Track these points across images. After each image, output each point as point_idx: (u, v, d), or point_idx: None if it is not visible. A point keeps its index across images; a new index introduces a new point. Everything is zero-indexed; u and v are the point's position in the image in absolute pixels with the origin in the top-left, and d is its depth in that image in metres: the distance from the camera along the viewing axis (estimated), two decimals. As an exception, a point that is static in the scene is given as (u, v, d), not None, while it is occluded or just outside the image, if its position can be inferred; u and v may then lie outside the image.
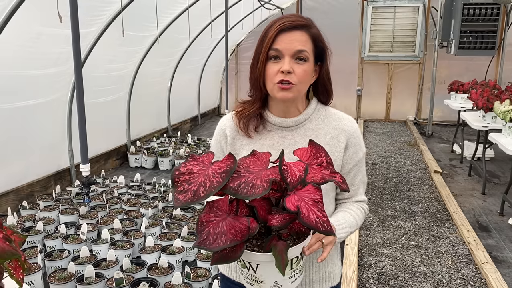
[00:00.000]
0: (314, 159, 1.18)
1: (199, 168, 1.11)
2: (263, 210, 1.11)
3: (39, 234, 3.52)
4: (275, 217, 1.08)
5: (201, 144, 6.82)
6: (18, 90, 4.20)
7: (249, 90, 1.43)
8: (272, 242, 1.09)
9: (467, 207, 4.65)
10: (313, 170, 1.15)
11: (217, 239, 1.04)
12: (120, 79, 6.06)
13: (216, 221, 1.08)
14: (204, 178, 1.08)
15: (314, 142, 1.22)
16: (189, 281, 2.89)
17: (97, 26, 4.93)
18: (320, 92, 1.45)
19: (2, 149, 4.17)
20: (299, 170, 1.09)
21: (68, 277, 2.93)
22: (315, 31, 1.34)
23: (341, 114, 1.46)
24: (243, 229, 1.05)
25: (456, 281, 3.22)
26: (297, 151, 1.21)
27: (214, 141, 1.52)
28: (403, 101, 9.68)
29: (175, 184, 1.09)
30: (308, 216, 1.04)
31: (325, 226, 1.05)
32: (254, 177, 1.08)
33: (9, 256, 0.94)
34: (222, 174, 1.08)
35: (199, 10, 6.63)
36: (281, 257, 1.05)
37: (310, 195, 1.08)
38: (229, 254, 1.07)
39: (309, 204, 1.06)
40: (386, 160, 6.56)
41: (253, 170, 1.12)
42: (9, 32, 3.72)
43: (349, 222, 1.37)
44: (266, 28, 1.34)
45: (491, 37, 7.66)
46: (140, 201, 4.30)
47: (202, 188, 1.06)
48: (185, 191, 1.07)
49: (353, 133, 1.42)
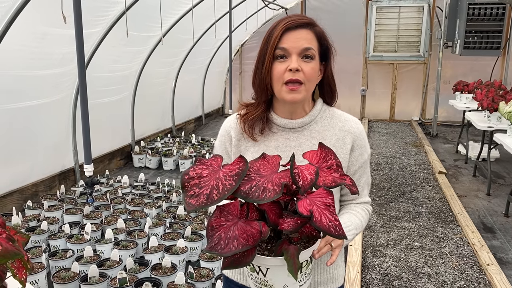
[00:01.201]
0: (324, 162, 1.17)
1: (208, 172, 1.10)
2: (273, 213, 1.10)
3: (43, 234, 3.54)
4: (287, 221, 1.07)
5: (205, 144, 6.83)
6: (23, 90, 4.22)
7: (253, 93, 1.41)
8: (283, 246, 1.08)
9: (472, 208, 4.63)
10: (324, 174, 1.13)
11: (229, 244, 1.03)
12: (124, 79, 6.08)
13: (227, 226, 1.07)
14: (216, 181, 1.06)
15: (323, 145, 1.20)
16: (192, 281, 2.89)
17: (101, 26, 4.95)
18: (326, 92, 1.44)
19: (7, 149, 4.19)
20: (310, 174, 1.08)
21: (72, 276, 2.94)
22: (319, 30, 1.34)
23: (346, 115, 1.45)
24: (255, 234, 1.04)
25: (461, 283, 3.20)
26: (307, 154, 1.20)
27: (218, 143, 1.51)
28: (407, 101, 9.65)
29: (185, 189, 1.07)
30: (320, 221, 1.03)
31: (338, 230, 1.04)
32: (265, 181, 1.07)
33: (12, 256, 0.94)
34: (234, 177, 1.07)
35: (203, 11, 6.63)
36: (293, 261, 1.04)
37: (322, 198, 1.07)
38: (241, 258, 1.06)
39: (321, 208, 1.05)
40: (391, 161, 6.54)
41: (263, 173, 1.11)
42: (14, 32, 3.74)
43: (355, 224, 1.36)
44: (270, 28, 1.34)
45: (496, 37, 7.63)
46: (144, 201, 4.31)
47: (215, 191, 1.04)
48: (196, 195, 1.05)
49: (358, 135, 1.41)
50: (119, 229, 3.63)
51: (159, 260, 3.18)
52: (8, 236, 0.98)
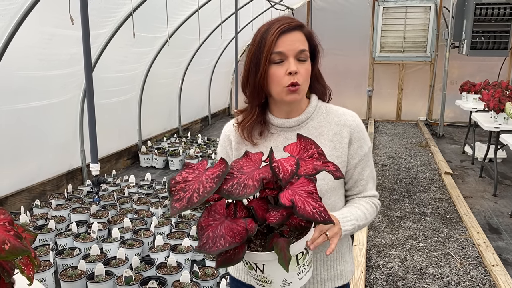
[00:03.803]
0: (305, 152, 1.19)
1: (194, 176, 1.13)
2: (261, 210, 1.12)
3: (51, 232, 3.58)
4: (272, 214, 1.09)
5: (211, 144, 6.86)
6: (31, 90, 4.27)
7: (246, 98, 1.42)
8: (273, 240, 1.10)
9: (478, 209, 4.61)
10: (305, 163, 1.15)
11: (216, 243, 1.05)
12: (131, 80, 6.13)
13: (214, 225, 1.10)
14: (198, 185, 1.10)
15: (301, 135, 1.23)
16: (198, 280, 2.92)
17: (108, 27, 4.99)
18: (316, 89, 1.46)
19: (16, 148, 4.24)
20: (290, 165, 1.10)
21: (78, 274, 2.98)
22: (308, 30, 1.36)
23: (342, 109, 1.46)
24: (241, 231, 1.06)
25: (465, 283, 3.20)
26: (287, 147, 1.22)
27: (220, 148, 1.54)
28: (414, 101, 9.61)
29: (172, 193, 1.11)
30: (304, 208, 1.04)
31: (323, 216, 1.05)
32: (246, 177, 1.10)
33: (20, 253, 0.97)
34: (215, 179, 1.09)
35: (209, 12, 6.66)
36: (283, 254, 1.05)
37: (304, 187, 1.08)
38: (232, 256, 1.08)
39: (304, 196, 1.06)
40: (396, 161, 6.52)
41: (245, 170, 1.14)
42: (23, 33, 3.79)
43: (355, 215, 1.35)
44: (260, 32, 1.33)
45: (503, 37, 7.58)
46: (150, 200, 4.34)
47: (196, 194, 1.08)
48: (180, 199, 1.09)
49: (355, 128, 1.42)
50: (126, 228, 3.66)
51: (165, 259, 3.21)
52: (16, 233, 1.00)
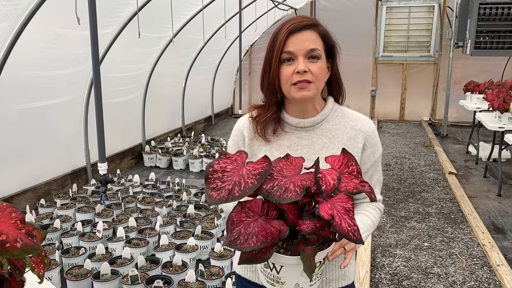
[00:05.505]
0: (346, 167, 1.19)
1: (232, 167, 1.12)
2: (292, 214, 1.12)
3: (56, 232, 3.60)
4: (306, 223, 1.09)
5: (215, 144, 6.87)
6: (37, 90, 4.29)
7: (263, 96, 1.44)
8: (299, 246, 1.10)
9: (482, 209, 4.60)
10: (345, 179, 1.15)
11: (248, 240, 1.04)
12: (135, 80, 6.14)
13: (247, 222, 1.08)
14: (238, 178, 1.08)
15: (346, 150, 1.22)
16: (203, 279, 2.92)
17: (113, 27, 5.00)
18: (334, 88, 1.47)
19: (21, 148, 4.26)
20: (332, 179, 1.10)
21: (84, 273, 2.99)
22: (323, 29, 1.36)
23: (358, 114, 1.47)
24: (274, 232, 1.05)
25: (470, 283, 3.19)
26: (329, 159, 1.22)
27: (231, 142, 1.54)
28: (417, 101, 9.60)
29: (208, 181, 1.09)
30: (340, 225, 1.04)
31: (356, 235, 1.06)
32: (287, 181, 1.09)
33: (32, 251, 0.97)
34: (257, 176, 1.08)
35: (213, 11, 6.67)
36: (309, 262, 1.06)
37: (343, 203, 1.08)
38: (258, 255, 1.08)
39: (342, 212, 1.06)
40: (400, 161, 6.52)
41: (286, 174, 1.13)
42: (29, 33, 3.80)
43: (367, 226, 1.37)
44: (274, 32, 1.36)
45: (508, 37, 7.53)
46: (154, 200, 4.35)
47: (237, 188, 1.06)
48: (218, 188, 1.07)
49: (370, 134, 1.43)
50: (131, 228, 3.67)
51: (170, 258, 3.21)
52: (28, 231, 1.01)
